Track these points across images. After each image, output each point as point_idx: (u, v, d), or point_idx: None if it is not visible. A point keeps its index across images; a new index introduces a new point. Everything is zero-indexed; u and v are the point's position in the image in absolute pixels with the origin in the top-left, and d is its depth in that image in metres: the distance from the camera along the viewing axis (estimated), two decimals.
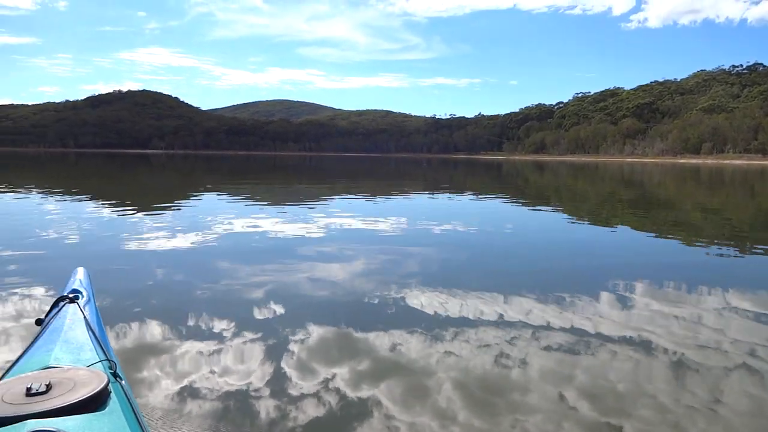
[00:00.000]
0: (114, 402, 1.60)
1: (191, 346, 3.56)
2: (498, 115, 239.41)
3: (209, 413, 2.71)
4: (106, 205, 12.70)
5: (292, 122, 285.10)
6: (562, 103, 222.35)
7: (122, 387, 1.71)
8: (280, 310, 4.44)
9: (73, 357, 1.86)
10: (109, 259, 6.39)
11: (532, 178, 34.63)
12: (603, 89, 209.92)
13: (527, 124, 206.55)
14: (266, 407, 2.79)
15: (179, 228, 8.84)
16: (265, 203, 14.41)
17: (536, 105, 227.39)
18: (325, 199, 15.75)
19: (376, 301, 4.75)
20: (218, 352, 3.49)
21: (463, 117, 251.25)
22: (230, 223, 9.52)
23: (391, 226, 9.63)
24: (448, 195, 18.75)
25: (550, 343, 3.74)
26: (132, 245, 7.26)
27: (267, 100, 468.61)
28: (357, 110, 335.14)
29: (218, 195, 17.08)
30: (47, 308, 2.40)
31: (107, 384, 1.62)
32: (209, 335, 3.78)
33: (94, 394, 1.55)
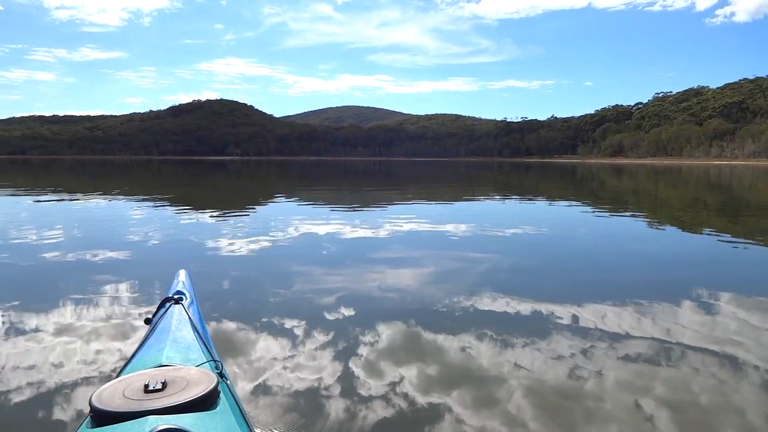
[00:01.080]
0: (223, 401, 1.65)
1: (265, 347, 3.69)
2: (572, 117, 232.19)
3: (286, 410, 2.80)
4: (190, 210, 13.36)
5: (362, 127, 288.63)
6: (641, 103, 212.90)
7: (228, 387, 1.77)
8: (350, 312, 4.51)
9: (183, 356, 1.95)
10: (191, 261, 6.72)
11: (609, 182, 33.34)
12: (685, 88, 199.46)
13: (603, 126, 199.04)
14: (337, 407, 2.85)
15: (255, 232, 9.16)
16: (336, 208, 14.67)
17: (613, 106, 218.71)
18: (394, 204, 15.85)
19: (445, 306, 4.74)
20: (294, 353, 3.59)
21: (536, 120, 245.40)
22: (302, 228, 9.76)
23: (460, 230, 9.56)
24: (519, 199, 18.40)
25: (628, 353, 3.60)
26: (210, 249, 7.59)
27: (337, 107, 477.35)
28: (426, 115, 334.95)
29: (291, 200, 17.56)
30: (148, 307, 2.55)
31: (217, 384, 1.67)
32: (285, 336, 3.90)
33: (206, 393, 1.61)
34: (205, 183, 29.81)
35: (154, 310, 2.54)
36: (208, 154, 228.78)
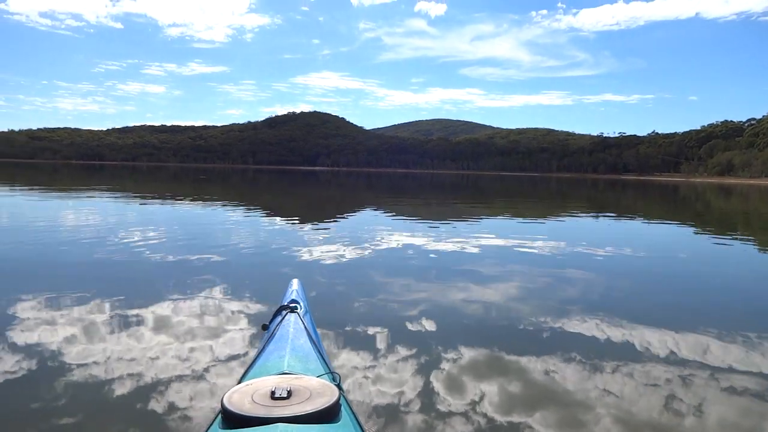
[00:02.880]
0: (344, 415, 1.65)
1: (347, 359, 3.74)
2: (675, 133, 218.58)
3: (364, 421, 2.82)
4: (281, 218, 13.89)
5: (450, 141, 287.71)
6: (754, 119, 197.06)
7: (347, 400, 1.78)
8: (433, 326, 4.48)
9: (303, 366, 1.99)
10: (279, 267, 6.96)
11: (716, 203, 31.07)
12: None
13: (711, 143, 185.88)
14: (416, 421, 2.83)
15: (343, 242, 9.35)
16: (423, 220, 14.69)
17: (722, 122, 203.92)
18: (481, 218, 15.63)
19: (531, 325, 4.60)
20: (375, 364, 3.62)
21: (634, 135, 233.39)
22: (388, 239, 9.85)
23: (549, 248, 9.26)
24: (614, 218, 17.57)
25: (733, 387, 3.32)
26: (297, 257, 7.83)
27: (427, 120, 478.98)
28: (517, 129, 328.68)
29: (378, 211, 17.79)
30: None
31: (339, 397, 1.68)
32: (367, 347, 3.94)
33: (330, 405, 1.61)
34: (296, 192, 30.87)
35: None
36: (300, 164, 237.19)
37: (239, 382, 1.84)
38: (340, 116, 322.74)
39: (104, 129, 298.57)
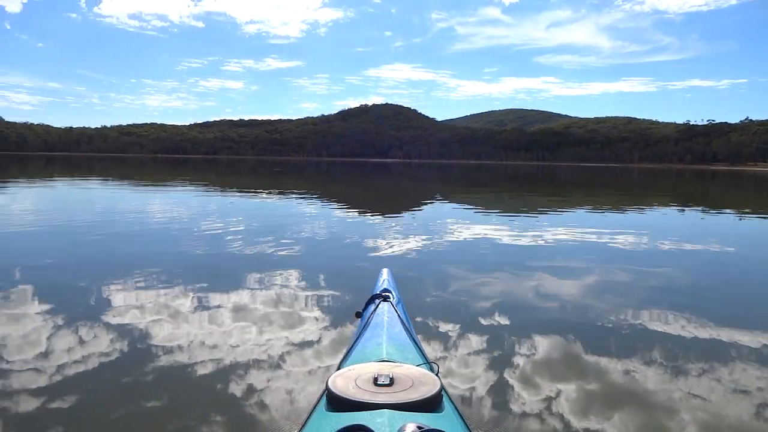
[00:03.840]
0: (446, 405, 1.64)
1: (429, 351, 3.75)
2: None
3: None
4: (357, 210, 14.09)
5: (525, 131, 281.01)
6: None
7: (446, 391, 1.75)
8: (507, 321, 4.42)
9: (401, 354, 2.00)
10: (350, 259, 7.07)
11: None
12: None
13: None
14: (507, 415, 2.80)
15: (416, 233, 9.37)
16: (496, 212, 14.45)
17: None
18: (558, 210, 15.18)
19: (609, 322, 4.43)
20: (446, 355, 3.61)
21: (725, 123, 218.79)
22: (462, 230, 9.77)
23: (629, 242, 8.87)
24: (701, 211, 16.59)
25: None
26: (378, 248, 7.91)
27: (500, 110, 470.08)
28: (595, 118, 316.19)
29: (450, 203, 17.67)
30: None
31: (441, 387, 1.67)
32: (440, 339, 3.94)
33: (433, 395, 1.61)
34: (369, 184, 31.20)
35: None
36: (373, 156, 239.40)
37: (339, 368, 1.89)
38: (412, 108, 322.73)
39: (187, 124, 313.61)
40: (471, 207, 15.83)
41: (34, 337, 3.76)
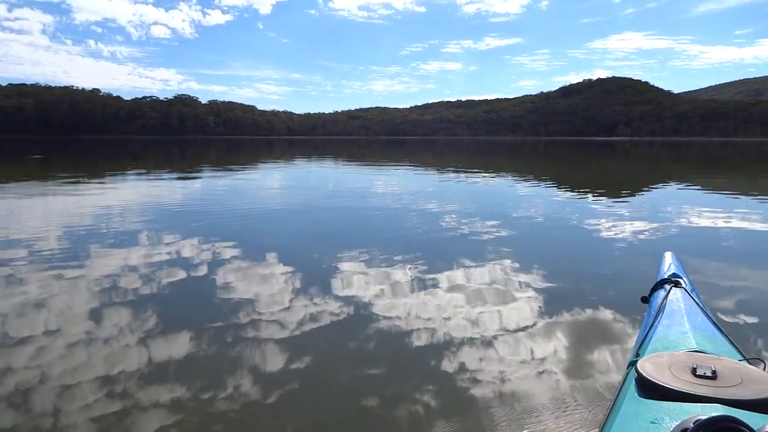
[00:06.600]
0: None
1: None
2: None
3: None
4: (573, 190, 13.40)
5: None
6: None
7: None
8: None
9: (713, 346, 1.87)
10: (564, 242, 6.74)
11: None
12: None
13: None
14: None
15: (636, 217, 8.57)
16: (745, 196, 12.43)
17: None
18: None
19: None
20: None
21: None
22: (698, 217, 8.65)
23: None
24: None
25: None
26: (582, 230, 7.45)
27: (755, 77, 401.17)
28: None
29: (686, 185, 15.73)
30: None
31: None
32: (753, 334, 3.56)
33: None
34: (591, 164, 29.31)
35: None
36: (596, 134, 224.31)
37: (637, 354, 1.83)
38: (643, 80, 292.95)
39: (407, 107, 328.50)
40: (711, 191, 13.89)
41: (278, 297, 4.35)
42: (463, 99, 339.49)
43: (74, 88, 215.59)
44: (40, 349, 3.27)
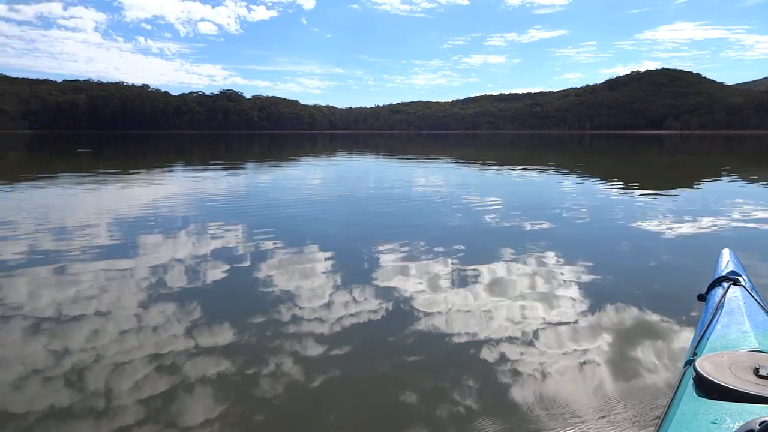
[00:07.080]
0: None
1: None
2: None
3: None
4: (617, 184, 13.06)
5: None
6: None
7: None
8: None
9: None
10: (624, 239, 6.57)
11: None
12: None
13: None
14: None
15: (689, 212, 8.28)
16: None
17: None
18: None
19: None
20: None
21: None
22: (746, 215, 8.30)
23: None
24: None
25: None
26: (630, 226, 7.24)
27: None
28: None
29: (739, 180, 15.10)
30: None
31: None
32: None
33: None
34: (638, 159, 28.45)
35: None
36: (643, 127, 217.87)
37: (695, 353, 1.81)
38: (694, 72, 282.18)
39: (449, 101, 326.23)
40: (763, 184, 13.30)
41: (319, 289, 4.39)
42: (507, 92, 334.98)
43: (125, 84, 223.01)
44: (93, 333, 3.40)
